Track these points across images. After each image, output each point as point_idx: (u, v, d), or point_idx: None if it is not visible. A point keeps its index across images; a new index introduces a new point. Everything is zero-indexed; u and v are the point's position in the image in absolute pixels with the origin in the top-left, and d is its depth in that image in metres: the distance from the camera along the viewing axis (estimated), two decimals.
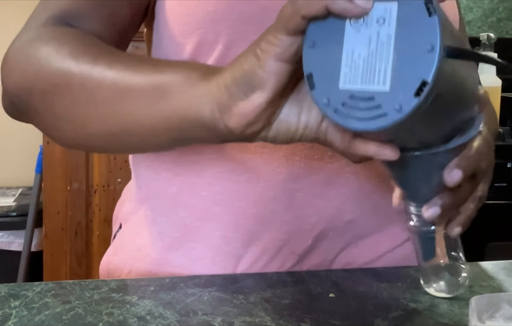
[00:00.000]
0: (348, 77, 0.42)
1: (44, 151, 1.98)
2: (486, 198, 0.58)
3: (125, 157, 2.28)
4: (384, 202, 0.67)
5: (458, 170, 0.49)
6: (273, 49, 0.44)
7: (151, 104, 0.52)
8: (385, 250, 0.70)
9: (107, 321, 0.53)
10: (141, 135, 0.54)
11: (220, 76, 0.48)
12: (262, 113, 0.47)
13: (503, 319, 0.47)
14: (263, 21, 0.50)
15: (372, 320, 0.55)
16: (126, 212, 0.74)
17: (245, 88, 0.46)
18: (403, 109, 0.40)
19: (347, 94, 0.42)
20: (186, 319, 0.54)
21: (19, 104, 0.61)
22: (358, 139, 0.46)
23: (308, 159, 0.64)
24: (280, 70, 0.45)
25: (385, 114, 0.40)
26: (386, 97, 0.40)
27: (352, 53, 0.42)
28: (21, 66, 0.59)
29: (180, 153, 0.66)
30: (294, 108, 0.48)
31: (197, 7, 0.61)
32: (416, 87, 0.39)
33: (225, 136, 0.49)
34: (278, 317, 0.55)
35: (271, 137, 0.49)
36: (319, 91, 0.43)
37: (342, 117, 0.42)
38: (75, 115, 0.57)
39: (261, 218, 0.64)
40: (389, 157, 0.45)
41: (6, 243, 2.09)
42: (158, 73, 0.53)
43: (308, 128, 0.48)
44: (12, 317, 0.53)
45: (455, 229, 0.55)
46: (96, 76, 0.55)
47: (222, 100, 0.48)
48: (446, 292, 0.60)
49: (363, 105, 0.41)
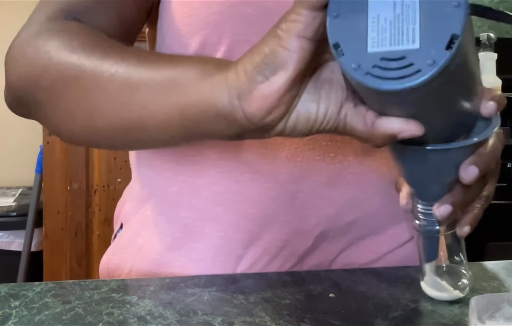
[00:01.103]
0: (376, 40, 0.42)
1: (44, 151, 1.98)
2: (491, 199, 0.57)
3: (125, 157, 2.27)
4: (385, 204, 0.68)
5: (475, 167, 0.49)
6: (295, 26, 0.44)
7: (166, 96, 0.51)
8: (386, 251, 0.70)
9: (107, 321, 0.53)
10: (153, 129, 0.53)
11: (238, 64, 0.48)
12: (283, 96, 0.45)
13: (503, 319, 0.47)
14: (267, 23, 0.49)
15: (372, 320, 0.55)
16: (127, 212, 0.74)
17: (266, 70, 0.45)
18: (437, 63, 0.40)
19: (378, 57, 0.42)
20: (186, 319, 0.54)
21: (24, 98, 0.60)
22: (381, 118, 0.45)
23: (310, 160, 0.64)
24: (302, 47, 0.44)
25: (419, 70, 0.40)
26: (417, 54, 0.41)
27: (377, 18, 0.42)
28: (28, 59, 0.58)
29: (182, 153, 0.66)
30: (313, 96, 0.47)
31: (201, 8, 0.61)
32: (446, 41, 0.40)
33: (242, 127, 0.48)
34: (278, 317, 0.55)
35: (290, 128, 0.48)
36: (348, 58, 0.43)
37: (375, 80, 0.42)
38: (84, 109, 0.56)
39: (262, 219, 0.64)
40: (415, 132, 0.44)
41: (6, 243, 2.09)
42: (172, 66, 0.52)
43: (327, 116, 0.47)
44: (12, 317, 0.53)
45: (464, 228, 0.55)
46: (108, 69, 0.54)
47: (242, 86, 0.47)
48: (445, 295, 0.59)
49: (395, 65, 0.41)
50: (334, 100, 0.47)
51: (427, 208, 0.54)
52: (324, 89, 0.47)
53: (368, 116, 0.46)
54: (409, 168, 0.52)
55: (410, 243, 0.71)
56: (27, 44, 0.58)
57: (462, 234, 0.55)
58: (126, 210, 0.74)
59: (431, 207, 0.53)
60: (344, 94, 0.47)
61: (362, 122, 0.46)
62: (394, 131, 0.45)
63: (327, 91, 0.47)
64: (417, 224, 0.56)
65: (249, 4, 0.60)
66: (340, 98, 0.47)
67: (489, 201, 0.57)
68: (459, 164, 0.49)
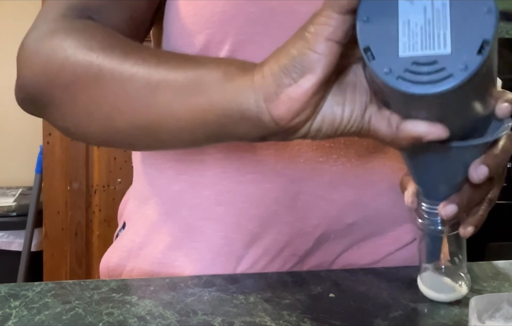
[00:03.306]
0: (407, 45, 0.42)
1: (44, 151, 1.98)
2: (495, 202, 0.57)
3: (125, 157, 2.28)
4: (387, 206, 0.67)
5: (485, 167, 0.49)
6: (325, 29, 0.44)
7: (188, 97, 0.51)
8: (387, 252, 0.70)
9: (107, 321, 0.53)
10: (174, 130, 0.52)
11: (264, 66, 0.47)
12: (311, 99, 0.45)
13: (503, 319, 0.47)
14: (271, 23, 0.49)
15: (372, 320, 0.55)
16: (129, 211, 0.74)
17: (294, 73, 0.45)
18: (469, 67, 0.41)
19: (409, 61, 0.42)
20: (186, 319, 0.54)
21: (38, 96, 0.59)
22: (406, 121, 0.45)
23: (312, 161, 0.64)
24: (331, 50, 0.44)
25: (451, 75, 0.41)
26: (449, 59, 0.41)
27: (408, 23, 0.43)
28: (44, 57, 0.57)
29: (184, 152, 0.66)
30: (338, 99, 0.47)
31: (205, 7, 0.60)
32: (478, 46, 0.41)
33: (268, 129, 0.48)
34: (278, 317, 0.55)
35: (314, 130, 0.47)
36: (379, 62, 0.43)
37: (407, 84, 0.42)
38: (103, 109, 0.55)
39: (263, 219, 0.64)
40: (440, 135, 0.44)
41: (6, 243, 2.09)
42: (193, 67, 0.52)
43: (352, 119, 0.47)
44: (12, 317, 0.53)
45: (468, 229, 0.55)
46: (128, 69, 0.53)
47: (269, 89, 0.46)
48: (443, 297, 0.59)
49: (427, 69, 0.42)
50: (359, 102, 0.47)
51: (432, 208, 0.54)
52: (348, 92, 0.47)
53: (392, 119, 0.46)
54: (419, 165, 0.52)
55: (411, 245, 0.71)
56: (41, 42, 0.57)
57: (465, 234, 0.55)
58: (128, 209, 0.74)
59: (436, 207, 0.53)
60: (368, 97, 0.47)
61: (386, 125, 0.46)
62: (420, 134, 0.45)
63: (352, 94, 0.47)
64: (420, 223, 0.56)
65: (254, 3, 0.60)
66: (364, 101, 0.47)
67: (493, 204, 0.57)
68: (469, 163, 0.49)
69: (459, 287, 0.59)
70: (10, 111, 2.31)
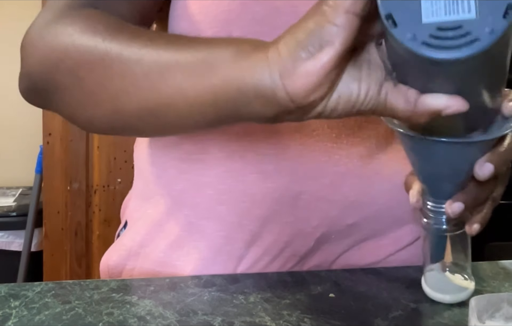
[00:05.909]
0: (431, 11, 0.42)
1: (44, 151, 1.98)
2: (499, 201, 0.57)
3: (125, 157, 2.28)
4: (388, 207, 0.67)
5: (490, 164, 0.49)
6: (344, 2, 0.43)
7: (200, 77, 0.49)
8: (388, 253, 0.70)
9: (107, 321, 0.53)
10: (184, 112, 0.51)
11: (279, 42, 0.46)
12: (329, 73, 0.44)
13: (503, 319, 0.47)
14: (276, 22, 0.49)
15: (372, 320, 0.55)
16: (131, 210, 0.74)
17: (311, 47, 0.44)
18: (495, 31, 0.40)
19: (433, 26, 0.41)
20: (186, 319, 0.54)
21: (42, 84, 0.58)
22: (425, 95, 0.44)
23: (315, 161, 0.64)
24: (351, 23, 0.43)
25: (477, 39, 0.40)
26: (474, 24, 0.41)
27: None
28: (48, 42, 0.56)
29: (187, 151, 0.66)
30: (354, 76, 0.46)
31: (211, 6, 0.60)
32: (503, 10, 0.40)
33: (283, 107, 0.46)
34: (278, 317, 0.55)
35: (330, 108, 0.46)
36: (402, 28, 0.42)
37: (432, 49, 0.41)
38: (109, 92, 0.53)
39: (265, 219, 0.64)
40: (459, 107, 0.44)
41: (6, 243, 2.09)
42: (204, 47, 0.50)
43: (368, 96, 0.46)
44: (12, 317, 0.53)
45: (474, 226, 0.55)
46: (136, 51, 0.52)
47: (285, 64, 0.45)
48: (447, 298, 0.59)
49: (452, 34, 0.41)
50: (375, 79, 0.46)
51: (438, 206, 0.54)
52: (364, 69, 0.46)
53: (410, 94, 0.45)
54: (424, 163, 0.52)
55: (412, 246, 0.71)
56: (46, 29, 0.57)
57: (472, 232, 0.55)
58: (130, 208, 0.74)
59: (441, 206, 0.53)
60: (383, 74, 0.46)
61: (404, 100, 0.45)
62: (439, 107, 0.44)
63: (367, 71, 0.46)
64: (425, 222, 0.56)
65: (259, 3, 0.59)
66: (380, 78, 0.46)
67: (497, 203, 0.57)
68: (475, 160, 0.50)
69: (463, 288, 0.59)
70: (10, 111, 2.31)
